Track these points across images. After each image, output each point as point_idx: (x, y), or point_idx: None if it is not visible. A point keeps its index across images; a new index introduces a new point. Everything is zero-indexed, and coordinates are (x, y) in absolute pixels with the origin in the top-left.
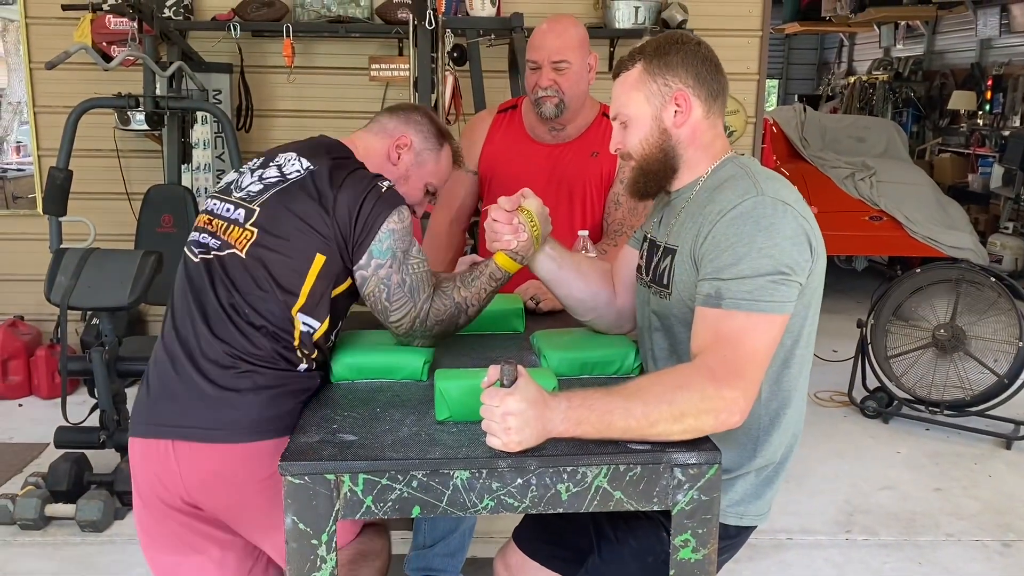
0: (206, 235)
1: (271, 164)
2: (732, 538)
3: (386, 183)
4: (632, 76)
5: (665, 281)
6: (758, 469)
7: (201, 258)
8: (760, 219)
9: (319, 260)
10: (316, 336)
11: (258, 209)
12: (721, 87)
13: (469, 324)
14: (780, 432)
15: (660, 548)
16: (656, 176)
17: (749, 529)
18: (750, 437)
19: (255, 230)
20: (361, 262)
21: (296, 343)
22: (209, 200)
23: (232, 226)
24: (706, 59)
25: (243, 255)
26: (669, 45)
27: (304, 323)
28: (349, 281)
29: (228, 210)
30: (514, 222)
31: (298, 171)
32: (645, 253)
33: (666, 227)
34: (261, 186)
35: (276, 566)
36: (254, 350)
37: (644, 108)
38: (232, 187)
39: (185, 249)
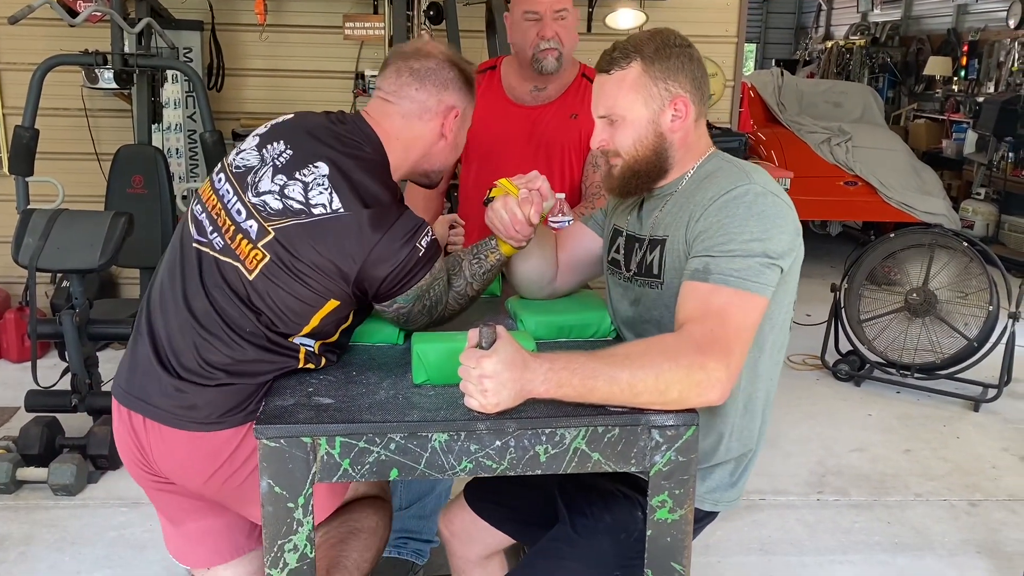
0: (209, 223)
1: (296, 176)
2: (698, 521)
3: (425, 239)
4: (630, 76)
5: (656, 271)
6: (736, 458)
7: (197, 248)
8: (752, 205)
9: (331, 304)
10: (316, 347)
11: (273, 233)
12: (709, 89)
13: None
14: (755, 416)
15: (634, 527)
16: (647, 176)
17: (715, 514)
18: (727, 424)
19: (267, 255)
20: (383, 304)
21: (301, 362)
22: (219, 177)
23: (241, 236)
24: (699, 62)
25: (250, 277)
26: (668, 48)
27: (306, 345)
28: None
29: (239, 213)
30: (532, 232)
31: (325, 209)
32: (623, 249)
33: (649, 221)
34: (281, 204)
35: None
36: (243, 362)
37: (641, 111)
38: (248, 180)
39: (188, 219)
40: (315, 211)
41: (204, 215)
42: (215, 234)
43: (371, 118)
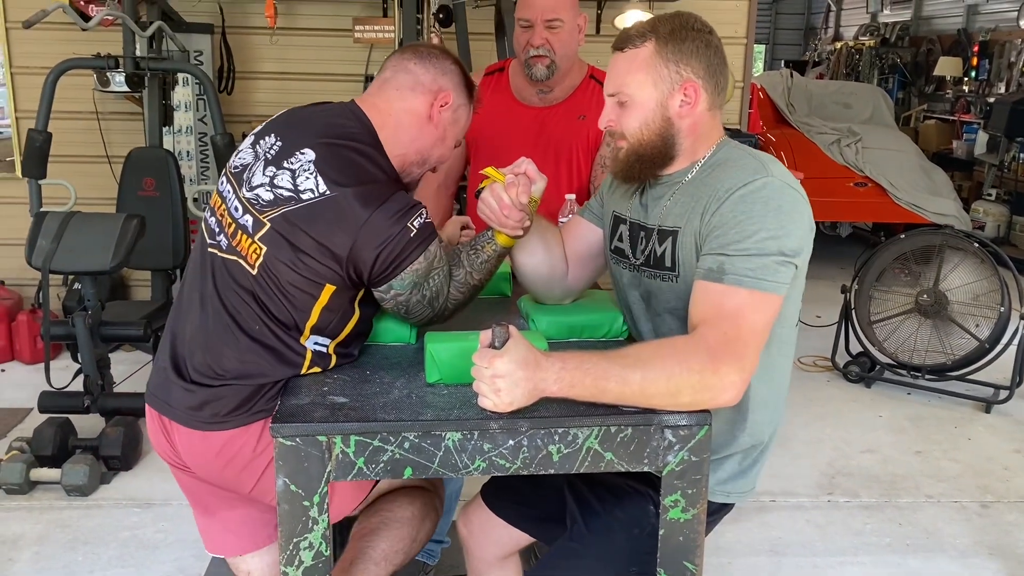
0: (217, 227)
1: (284, 166)
2: (713, 514)
3: (418, 220)
4: (641, 56)
5: (669, 264)
6: (746, 450)
7: (211, 252)
8: (770, 200)
9: (328, 289)
10: (331, 347)
11: (268, 224)
12: (726, 81)
13: None
14: (764, 410)
15: (647, 521)
16: (651, 162)
17: (730, 506)
18: (740, 416)
19: (263, 248)
20: (380, 289)
21: (304, 367)
22: (222, 179)
23: (241, 233)
24: (718, 50)
25: (253, 272)
26: (685, 31)
27: (316, 344)
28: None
29: (237, 209)
30: (523, 216)
31: (313, 193)
32: (626, 237)
33: (656, 210)
34: (271, 195)
35: None
36: (248, 363)
37: (650, 93)
38: (244, 176)
39: (203, 226)
40: (304, 196)
41: (213, 219)
42: (221, 235)
43: (364, 100)
